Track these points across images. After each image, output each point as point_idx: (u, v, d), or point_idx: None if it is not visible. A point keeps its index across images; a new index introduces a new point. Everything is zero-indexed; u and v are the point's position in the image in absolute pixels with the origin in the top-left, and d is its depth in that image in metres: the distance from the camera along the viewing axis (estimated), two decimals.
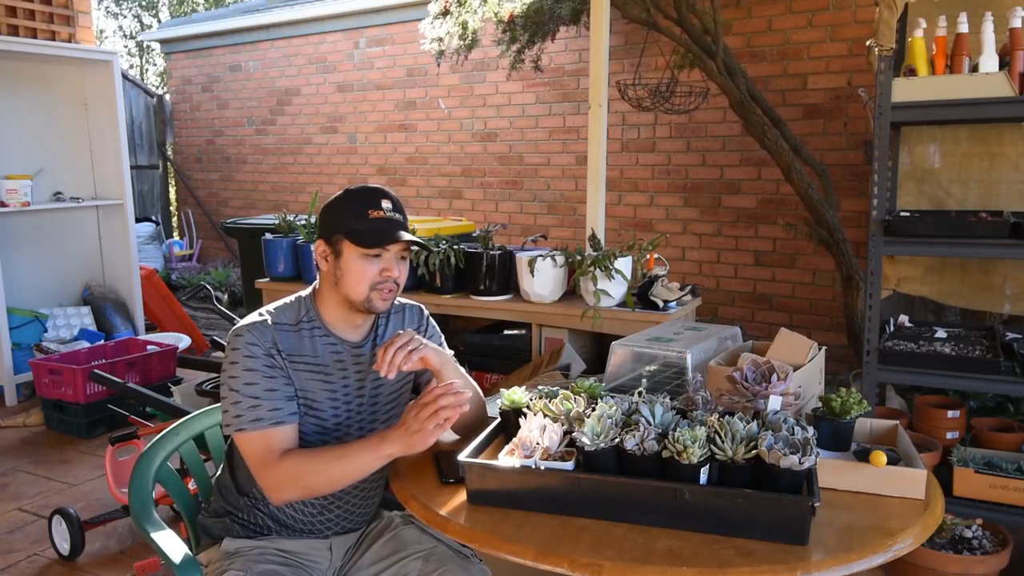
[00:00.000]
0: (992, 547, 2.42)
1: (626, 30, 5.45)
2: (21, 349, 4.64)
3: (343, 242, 1.59)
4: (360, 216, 1.58)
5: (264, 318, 1.61)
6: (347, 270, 1.59)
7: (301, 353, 1.61)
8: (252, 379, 1.54)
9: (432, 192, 6.84)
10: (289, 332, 1.61)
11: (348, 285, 1.59)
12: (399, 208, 1.64)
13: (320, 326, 1.64)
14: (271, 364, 1.56)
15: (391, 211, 1.61)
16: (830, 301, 4.89)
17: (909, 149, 3.13)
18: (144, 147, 8.97)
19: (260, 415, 1.52)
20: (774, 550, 1.26)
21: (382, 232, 1.58)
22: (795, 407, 1.64)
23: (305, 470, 1.50)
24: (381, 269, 1.59)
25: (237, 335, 1.57)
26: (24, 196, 4.65)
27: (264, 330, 1.58)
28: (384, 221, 1.59)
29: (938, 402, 2.98)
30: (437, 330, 1.86)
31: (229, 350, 1.57)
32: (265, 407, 1.53)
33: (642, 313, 2.94)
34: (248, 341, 1.56)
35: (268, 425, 1.52)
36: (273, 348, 1.57)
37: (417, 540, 1.68)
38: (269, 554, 1.64)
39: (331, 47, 7.41)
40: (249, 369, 1.54)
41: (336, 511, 1.71)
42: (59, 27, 5.11)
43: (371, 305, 1.60)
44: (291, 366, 1.59)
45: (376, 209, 1.59)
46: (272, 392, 1.54)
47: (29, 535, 2.99)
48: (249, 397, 1.53)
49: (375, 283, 1.59)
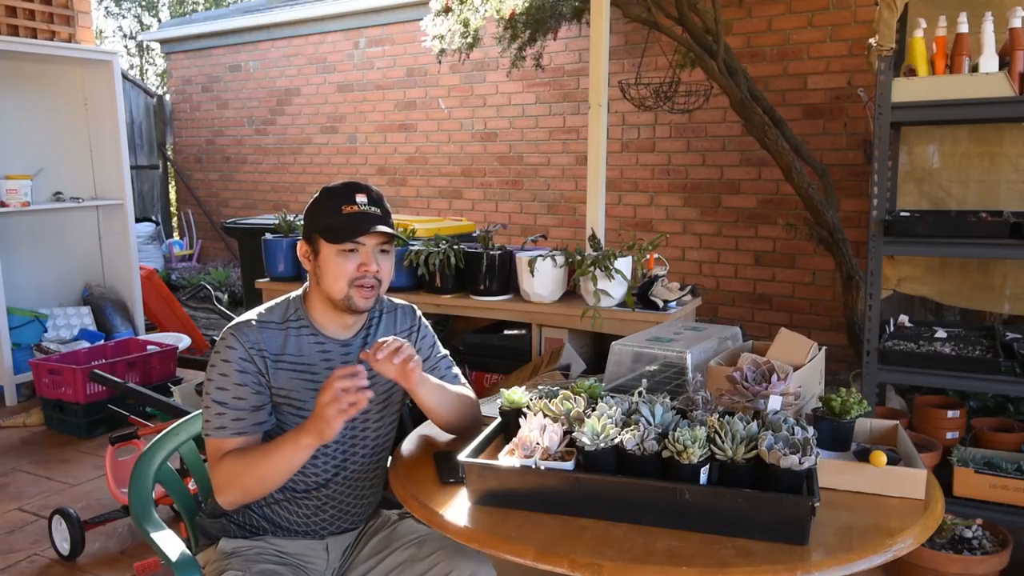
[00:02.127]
0: (992, 547, 2.42)
1: (626, 30, 5.45)
2: (21, 349, 4.64)
3: (319, 240, 1.60)
4: (334, 213, 1.59)
5: (249, 319, 1.62)
6: (325, 268, 1.60)
7: (285, 352, 1.61)
8: (223, 384, 1.56)
9: (432, 192, 6.84)
10: (275, 331, 1.62)
11: (327, 283, 1.60)
12: (377, 202, 1.62)
13: (308, 324, 1.65)
14: (244, 370, 1.56)
15: (366, 205, 1.60)
16: (830, 301, 4.89)
17: (909, 149, 3.13)
18: (144, 147, 8.97)
19: (223, 423, 1.54)
20: (774, 550, 1.26)
21: (353, 226, 1.57)
22: (795, 407, 1.64)
23: (238, 471, 1.52)
24: (358, 264, 1.58)
25: (221, 338, 1.60)
26: (24, 196, 4.65)
27: (248, 331, 1.59)
28: (357, 216, 1.58)
29: (938, 402, 2.98)
30: (430, 331, 1.85)
31: (212, 353, 1.60)
32: (229, 416, 1.54)
33: (642, 313, 2.94)
34: (228, 344, 1.57)
35: (228, 435, 1.54)
36: (254, 349, 1.57)
37: (411, 530, 1.69)
38: (267, 553, 1.64)
39: (331, 47, 7.41)
40: (223, 374, 1.56)
41: (331, 511, 1.71)
42: (59, 27, 5.11)
43: (352, 303, 1.60)
44: (274, 366, 1.59)
45: (350, 204, 1.58)
46: (239, 401, 1.55)
47: (29, 535, 2.99)
48: (216, 403, 1.55)
49: (353, 279, 1.58)
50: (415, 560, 1.61)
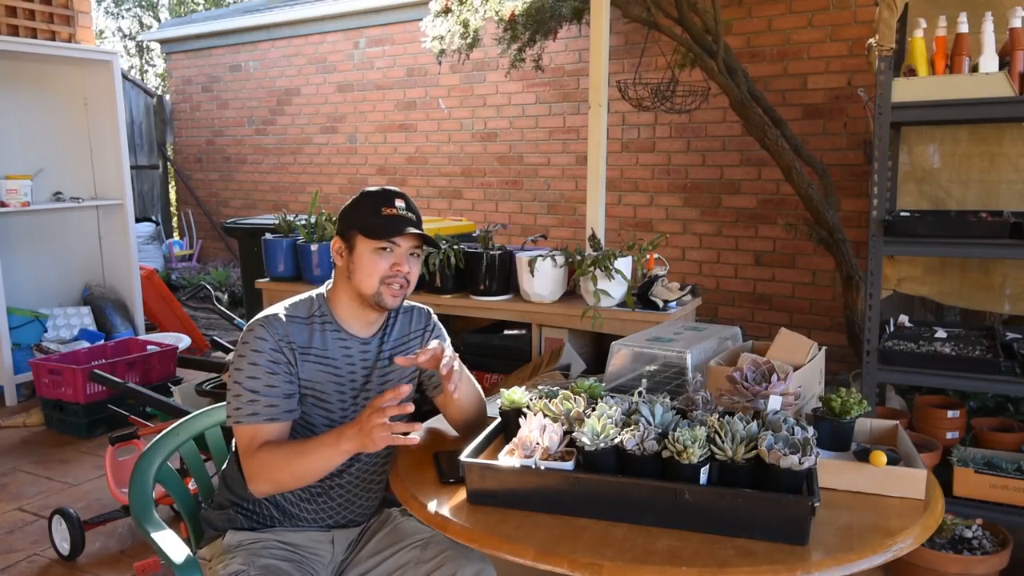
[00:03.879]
0: (992, 547, 2.42)
1: (626, 30, 5.45)
2: (21, 349, 4.64)
3: (356, 236, 1.66)
4: (374, 212, 1.66)
5: (277, 312, 1.67)
6: (359, 263, 1.65)
7: (312, 345, 1.66)
8: (255, 373, 1.58)
9: (432, 192, 6.84)
10: (301, 325, 1.66)
11: (360, 279, 1.65)
12: (413, 209, 1.72)
13: (331, 321, 1.70)
14: (276, 360, 1.60)
15: (404, 210, 1.68)
16: (830, 301, 4.89)
17: (909, 149, 3.13)
18: (144, 147, 8.97)
19: (256, 410, 1.57)
20: (774, 550, 1.26)
21: (392, 226, 1.65)
22: (795, 407, 1.64)
23: (272, 463, 1.55)
24: (392, 264, 1.65)
25: (249, 329, 1.63)
26: (24, 196, 4.65)
27: (277, 324, 1.63)
28: (396, 218, 1.66)
29: (938, 402, 2.98)
30: (444, 332, 1.90)
31: (240, 343, 1.63)
32: (263, 403, 1.57)
33: (642, 313, 2.94)
34: (258, 336, 1.61)
35: (262, 420, 1.57)
36: (283, 341, 1.62)
37: (415, 531, 1.71)
38: (272, 547, 1.66)
39: (331, 47, 7.41)
40: (253, 363, 1.59)
41: (338, 499, 1.73)
42: (59, 27, 5.11)
43: (381, 300, 1.66)
44: (301, 358, 1.64)
45: (389, 207, 1.67)
46: (271, 388, 1.58)
47: (29, 535, 2.99)
48: (249, 391, 1.57)
49: (385, 277, 1.65)
50: (418, 562, 1.63)
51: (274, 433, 1.59)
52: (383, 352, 1.75)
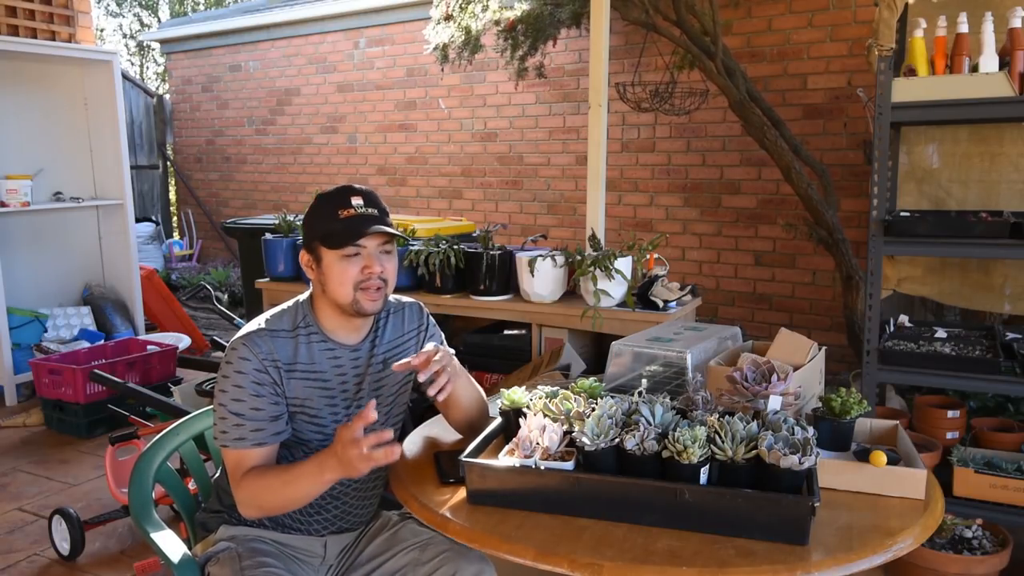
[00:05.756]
0: (992, 547, 2.42)
1: (626, 31, 5.44)
2: (21, 349, 4.64)
3: (320, 248, 1.58)
4: (331, 218, 1.56)
5: (259, 327, 1.59)
6: (329, 274, 1.58)
7: (297, 360, 1.60)
8: (239, 396, 1.53)
9: (432, 192, 6.84)
10: (286, 339, 1.60)
11: (333, 289, 1.58)
12: (373, 202, 1.60)
13: (317, 331, 1.63)
14: (260, 381, 1.54)
15: (363, 207, 1.58)
16: (830, 301, 4.89)
17: (909, 149, 3.13)
18: (144, 147, 8.97)
19: (243, 435, 1.53)
20: (774, 550, 1.26)
21: (352, 229, 1.55)
22: (795, 407, 1.64)
23: (259, 491, 1.51)
24: (362, 267, 1.57)
25: (232, 348, 1.57)
26: (24, 196, 4.65)
27: (260, 342, 1.56)
28: (355, 219, 1.56)
29: (938, 402, 2.98)
30: (437, 329, 1.86)
31: (224, 363, 1.57)
32: (248, 427, 1.53)
33: (642, 313, 2.94)
34: (241, 356, 1.55)
35: (249, 446, 1.53)
36: (268, 359, 1.56)
37: (414, 534, 1.69)
38: (264, 541, 1.66)
39: (331, 47, 7.41)
40: (238, 386, 1.54)
41: (333, 511, 1.71)
42: (59, 27, 5.10)
43: (360, 306, 1.58)
44: (287, 375, 1.58)
45: (346, 208, 1.56)
46: (257, 412, 1.54)
47: (29, 535, 2.99)
48: (234, 415, 1.53)
49: (358, 283, 1.57)
50: (417, 564, 1.62)
51: (261, 457, 1.54)
52: (375, 357, 1.69)
